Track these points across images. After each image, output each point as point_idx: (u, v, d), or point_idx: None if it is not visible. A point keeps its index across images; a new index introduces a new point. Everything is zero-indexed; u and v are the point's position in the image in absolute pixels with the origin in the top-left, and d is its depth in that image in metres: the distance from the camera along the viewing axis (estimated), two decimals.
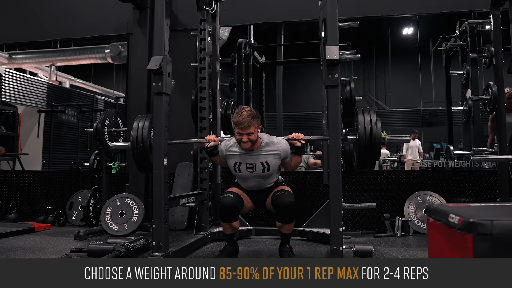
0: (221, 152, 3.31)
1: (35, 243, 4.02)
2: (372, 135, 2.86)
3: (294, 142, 3.09)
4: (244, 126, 3.02)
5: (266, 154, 3.15)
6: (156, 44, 3.23)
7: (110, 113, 4.90)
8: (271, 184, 3.29)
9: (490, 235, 1.19)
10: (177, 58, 4.42)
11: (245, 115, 3.03)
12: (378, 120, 2.90)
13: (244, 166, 3.19)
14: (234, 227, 3.26)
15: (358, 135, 2.90)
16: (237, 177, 3.34)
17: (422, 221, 4.43)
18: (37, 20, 6.17)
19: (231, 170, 3.31)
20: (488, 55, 4.39)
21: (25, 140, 8.95)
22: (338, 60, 2.81)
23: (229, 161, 3.26)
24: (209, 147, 3.30)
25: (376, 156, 2.92)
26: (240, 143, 3.11)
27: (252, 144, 3.09)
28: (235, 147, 3.22)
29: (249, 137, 3.05)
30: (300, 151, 3.15)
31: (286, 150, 3.17)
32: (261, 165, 3.15)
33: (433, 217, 1.56)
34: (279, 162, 3.19)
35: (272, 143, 3.17)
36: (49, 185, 5.58)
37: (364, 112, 2.96)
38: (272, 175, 3.24)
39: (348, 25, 4.29)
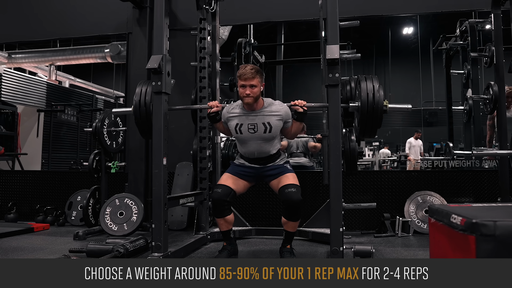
0: (223, 117, 3.29)
1: (34, 243, 4.01)
2: (374, 102, 2.87)
3: (296, 108, 3.09)
4: (247, 77, 3.04)
5: (268, 115, 3.14)
6: (156, 43, 3.22)
7: (110, 112, 4.88)
8: (272, 151, 3.23)
9: (493, 236, 1.17)
10: (176, 57, 4.41)
11: (249, 68, 3.08)
12: (381, 88, 2.92)
13: (245, 127, 3.16)
14: (229, 222, 3.24)
15: (361, 102, 2.91)
16: (238, 142, 3.29)
17: (423, 221, 4.41)
18: (36, 19, 6.15)
19: (232, 134, 3.28)
20: (489, 54, 4.38)
21: (25, 139, 8.93)
22: (339, 59, 2.80)
23: (230, 123, 3.23)
24: (211, 112, 3.29)
25: (378, 124, 2.94)
26: (243, 98, 3.10)
27: (255, 100, 3.09)
28: (237, 109, 3.21)
29: (252, 89, 3.05)
30: (301, 116, 3.14)
31: (288, 113, 3.17)
32: (263, 126, 3.13)
33: (435, 217, 1.55)
34: (281, 124, 3.17)
35: (274, 105, 3.17)
36: (48, 185, 5.56)
37: (367, 79, 2.97)
38: (274, 139, 3.20)
39: (349, 24, 4.27)
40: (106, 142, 4.71)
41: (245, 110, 3.17)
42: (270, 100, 3.22)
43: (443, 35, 6.70)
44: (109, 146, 4.77)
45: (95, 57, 10.18)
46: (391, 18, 12.23)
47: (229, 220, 3.24)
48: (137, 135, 4.96)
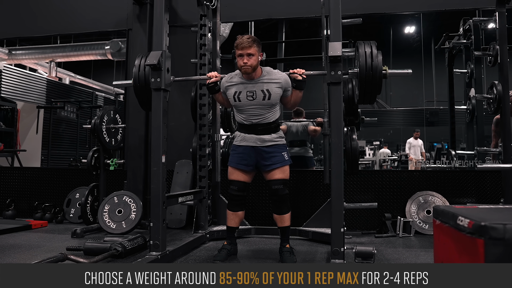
0: (222, 86, 3.25)
1: (31, 241, 3.97)
2: (373, 66, 2.83)
3: (296, 76, 3.06)
4: (244, 45, 3.02)
5: (267, 82, 3.11)
6: (155, 39, 3.17)
7: (109, 109, 4.84)
8: (271, 119, 3.17)
9: (502, 240, 1.12)
10: (177, 54, 4.37)
11: (246, 37, 3.08)
12: (379, 53, 2.88)
13: (244, 94, 3.12)
14: (240, 217, 3.29)
15: (359, 67, 2.87)
16: (236, 110, 3.24)
17: (424, 221, 4.37)
18: (36, 15, 6.10)
19: (231, 103, 3.23)
20: (493, 53, 4.32)
21: (24, 136, 8.91)
22: (341, 57, 2.76)
23: (229, 91, 3.19)
24: (210, 83, 3.26)
25: (377, 89, 2.90)
26: (240, 68, 3.07)
27: (253, 70, 3.06)
28: (236, 78, 3.18)
29: (249, 58, 3.03)
30: (301, 84, 3.10)
31: (287, 81, 3.14)
32: (261, 93, 3.09)
33: (440, 219, 1.50)
34: (280, 92, 3.13)
35: (274, 73, 3.14)
36: (47, 182, 5.52)
37: (365, 44, 2.93)
38: (274, 107, 3.16)
39: (351, 21, 4.23)
40: (105, 139, 4.66)
41: (243, 79, 3.14)
42: (269, 68, 3.21)
43: (446, 34, 6.64)
44: (108, 143, 4.72)
45: (95, 54, 10.13)
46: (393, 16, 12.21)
47: (240, 216, 3.30)
48: (136, 132, 4.95)
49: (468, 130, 6.20)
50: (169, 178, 4.91)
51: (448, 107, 6.57)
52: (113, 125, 4.78)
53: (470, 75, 6.04)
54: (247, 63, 3.03)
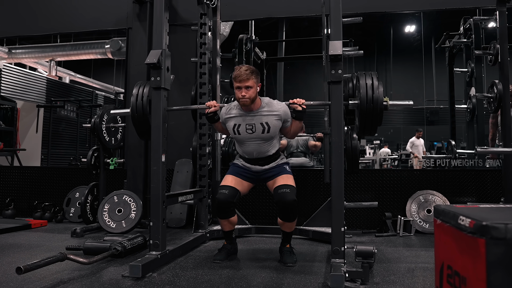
0: (221, 117, 3.23)
1: (31, 240, 3.96)
2: (374, 98, 2.80)
3: (295, 106, 3.02)
4: (242, 78, 2.96)
5: (266, 115, 3.07)
6: (155, 37, 3.16)
7: (108, 108, 4.82)
8: (272, 151, 3.17)
9: (504, 240, 1.11)
10: (177, 53, 4.37)
11: (244, 69, 3.00)
12: (380, 84, 2.85)
13: (243, 127, 3.09)
14: (232, 223, 3.19)
15: (360, 99, 2.84)
16: (237, 142, 3.24)
17: (425, 220, 4.36)
18: (36, 14, 6.09)
19: (230, 135, 3.22)
20: (493, 52, 4.31)
21: (24, 135, 8.90)
22: (342, 56, 2.74)
23: (228, 123, 3.17)
24: (209, 112, 3.22)
25: (378, 121, 2.87)
26: (239, 100, 3.03)
27: (251, 102, 3.02)
28: (234, 110, 3.14)
29: (247, 91, 2.98)
30: (300, 115, 3.07)
31: (286, 113, 3.10)
32: (261, 126, 3.06)
33: (441, 218, 1.49)
34: (280, 124, 3.10)
35: (273, 105, 3.10)
36: (47, 181, 5.51)
37: (366, 75, 2.90)
38: (273, 139, 3.14)
39: (351, 20, 4.22)
40: (104, 138, 4.66)
41: (242, 111, 3.10)
42: (267, 99, 3.15)
43: (447, 33, 6.63)
44: (107, 143, 4.71)
45: (96, 53, 10.13)
46: (394, 15, 12.19)
47: (233, 221, 3.19)
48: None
49: (469, 129, 6.19)
50: (169, 177, 4.90)
51: (449, 106, 6.55)
52: (113, 124, 4.77)
53: (470, 74, 6.02)
54: (245, 96, 2.98)
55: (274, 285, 2.52)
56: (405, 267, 2.98)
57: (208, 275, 2.73)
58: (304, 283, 2.56)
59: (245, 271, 2.86)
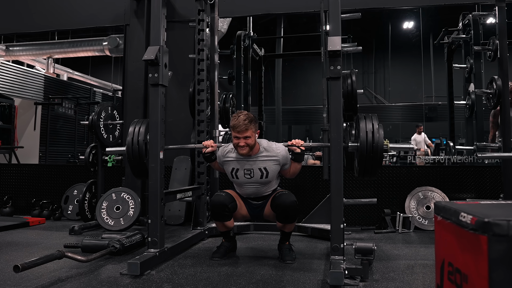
0: (219, 158, 3.22)
1: (29, 238, 3.94)
2: (374, 142, 2.76)
3: (294, 148, 3.01)
4: (241, 129, 2.92)
5: (264, 160, 3.04)
6: (153, 33, 3.14)
7: (106, 105, 4.80)
8: (269, 192, 3.18)
9: (506, 236, 1.10)
10: (175, 49, 4.33)
11: (242, 119, 2.94)
12: (381, 127, 2.79)
13: (241, 172, 3.08)
14: (228, 226, 3.17)
15: (360, 142, 2.80)
16: (235, 184, 3.23)
17: (424, 217, 4.35)
18: (33, 11, 6.06)
19: (228, 177, 3.20)
20: (492, 48, 4.30)
21: (22, 133, 8.86)
22: (340, 51, 2.72)
23: (226, 167, 3.16)
24: (206, 153, 3.20)
25: (378, 164, 2.82)
26: (237, 148, 3.00)
27: (250, 149, 2.99)
28: (232, 153, 3.11)
29: (246, 141, 2.95)
30: (299, 157, 3.06)
31: (285, 157, 3.07)
32: (259, 171, 3.04)
33: (442, 215, 1.48)
34: (278, 168, 3.08)
35: (271, 149, 3.06)
36: (45, 179, 5.49)
37: (366, 118, 2.85)
38: (271, 182, 3.13)
39: (350, 16, 4.19)
40: (102, 135, 4.63)
41: (240, 156, 3.06)
42: (266, 143, 3.11)
43: (445, 29, 6.61)
44: (105, 140, 4.69)
45: (93, 50, 10.09)
46: (392, 11, 12.15)
47: (228, 225, 3.17)
48: None
49: (468, 125, 6.18)
50: (167, 174, 4.89)
51: (447, 102, 6.55)
52: (110, 121, 4.75)
53: (469, 70, 6.01)
54: (244, 146, 2.96)
55: (273, 282, 2.51)
56: (405, 264, 2.97)
57: (207, 273, 2.72)
58: (304, 280, 2.55)
59: (244, 268, 2.85)
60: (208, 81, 4.20)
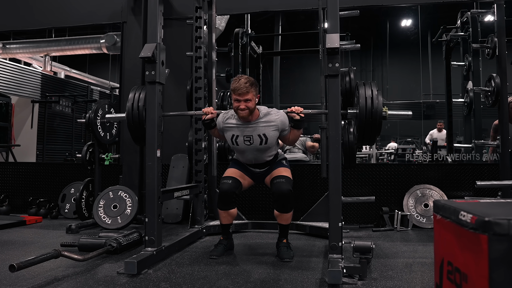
0: (219, 125, 3.21)
1: (25, 237, 3.92)
2: (373, 109, 2.78)
3: (293, 115, 3.01)
4: (241, 92, 2.94)
5: (264, 126, 3.05)
6: (149, 31, 3.12)
7: (103, 103, 4.78)
8: (270, 157, 3.20)
9: (507, 236, 1.09)
10: (172, 47, 4.32)
11: (243, 81, 2.97)
12: (379, 94, 2.83)
13: (241, 139, 3.09)
14: (232, 215, 3.19)
15: (359, 109, 2.82)
16: (235, 150, 3.25)
17: (422, 215, 4.34)
18: (30, 8, 6.01)
19: (228, 143, 3.23)
20: (491, 45, 4.29)
21: (19, 131, 8.84)
22: (339, 49, 2.71)
23: (226, 133, 3.16)
24: (206, 119, 3.20)
25: (377, 131, 2.85)
26: (237, 112, 3.01)
27: (250, 113, 3.00)
28: (232, 119, 3.12)
29: (246, 104, 2.96)
30: (299, 124, 3.06)
31: (284, 122, 3.08)
32: (258, 138, 3.06)
33: (441, 214, 1.46)
34: (277, 134, 3.10)
35: (270, 115, 3.08)
36: (42, 177, 5.46)
37: (365, 85, 2.88)
38: (271, 148, 3.14)
39: (348, 13, 4.18)
40: (99, 134, 4.61)
41: (240, 121, 3.08)
42: (265, 109, 3.12)
43: (444, 26, 6.59)
44: (102, 138, 4.67)
45: (91, 47, 10.04)
46: (390, 9, 12.14)
47: (232, 214, 3.19)
48: None
49: (466, 123, 6.17)
50: (165, 173, 4.87)
51: (446, 100, 6.52)
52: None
53: (467, 68, 5.99)
54: (244, 109, 2.97)
55: (271, 281, 2.50)
56: (403, 262, 2.96)
57: (205, 271, 2.71)
58: (302, 279, 2.54)
59: (242, 267, 2.84)
60: (205, 79, 4.18)
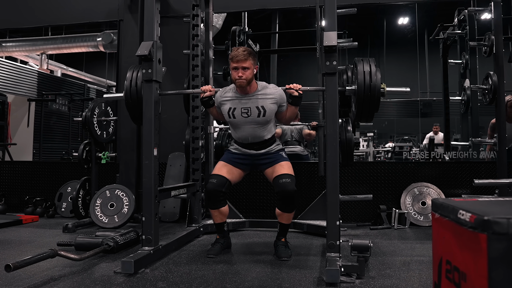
0: (217, 101, 3.19)
1: (21, 236, 3.90)
2: (371, 84, 2.78)
3: (291, 91, 2.99)
4: (240, 59, 2.94)
5: (262, 99, 3.05)
6: (146, 28, 3.10)
7: (100, 101, 4.76)
8: (267, 136, 3.14)
9: (506, 235, 1.08)
10: (169, 45, 4.30)
11: (242, 49, 3.00)
12: (378, 71, 2.83)
13: (238, 111, 3.06)
14: (223, 213, 3.16)
15: (357, 85, 2.82)
16: (231, 127, 3.20)
17: (419, 213, 4.34)
18: (26, 5, 5.98)
19: (225, 120, 3.18)
20: (488, 43, 4.29)
21: (15, 129, 8.79)
22: (336, 47, 2.70)
23: (223, 107, 3.14)
24: (204, 97, 3.18)
25: (375, 107, 2.85)
26: (235, 81, 3.01)
27: (248, 83, 3.00)
28: (230, 93, 3.12)
29: (244, 72, 2.96)
30: (296, 101, 3.04)
31: (282, 97, 3.08)
32: (256, 110, 3.04)
33: (439, 212, 1.45)
34: (275, 108, 3.08)
35: (269, 88, 3.09)
36: (38, 176, 5.44)
37: (364, 61, 2.87)
38: (268, 123, 3.11)
39: (346, 11, 4.18)
40: (96, 132, 4.59)
41: (238, 94, 3.07)
42: (264, 83, 3.14)
43: (441, 24, 6.57)
44: (99, 136, 4.65)
45: (87, 46, 10.01)
46: (388, 7, 12.14)
47: (224, 212, 3.16)
48: (129, 125, 4.87)
49: (463, 121, 6.17)
50: (162, 171, 4.85)
51: (443, 98, 6.51)
52: (104, 118, 4.71)
53: (464, 65, 5.99)
54: (242, 77, 2.96)
55: (269, 280, 2.49)
56: (401, 260, 2.95)
57: (202, 271, 2.70)
58: (299, 278, 2.53)
59: (239, 266, 2.83)
60: (203, 77, 4.16)
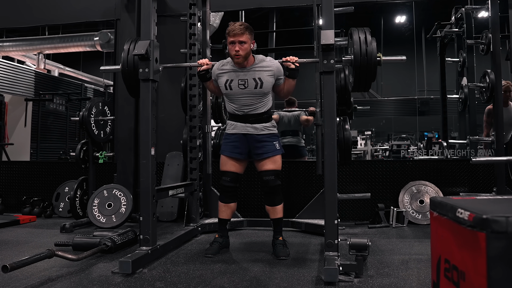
0: (214, 74, 3.19)
1: (19, 236, 3.89)
2: (367, 53, 2.78)
3: (288, 64, 3.00)
4: (236, 33, 2.96)
5: (259, 71, 3.05)
6: (143, 28, 3.09)
7: (97, 101, 4.74)
8: (263, 109, 3.12)
9: (505, 233, 1.07)
10: (166, 44, 4.29)
11: (238, 24, 3.02)
12: (373, 40, 2.82)
13: (235, 83, 3.07)
14: (232, 209, 3.25)
15: (354, 54, 2.81)
16: (228, 99, 3.17)
17: (417, 211, 4.35)
18: (23, 5, 5.96)
19: (222, 92, 3.17)
20: (485, 41, 4.30)
21: (12, 129, 8.76)
22: (334, 45, 2.70)
23: (220, 79, 3.13)
24: (201, 70, 3.19)
25: (372, 76, 2.85)
26: (232, 56, 3.01)
27: (245, 58, 3.01)
28: (227, 66, 3.13)
29: (241, 46, 2.96)
30: (294, 73, 3.04)
31: (279, 69, 3.09)
32: (253, 81, 3.04)
33: (438, 211, 1.45)
34: (272, 80, 3.08)
35: (266, 61, 3.09)
36: (35, 176, 5.42)
37: (359, 31, 2.87)
38: (265, 95, 3.11)
39: (343, 10, 4.17)
40: (93, 132, 4.58)
41: (235, 67, 3.08)
42: (261, 56, 3.15)
43: (438, 22, 6.58)
44: (96, 136, 4.64)
45: (84, 45, 9.97)
46: (385, 5, 12.14)
47: (233, 208, 3.26)
48: (126, 124, 4.87)
49: (460, 119, 6.17)
50: (159, 171, 4.84)
51: (440, 96, 6.52)
52: (101, 117, 4.70)
53: (462, 64, 6.00)
54: (238, 51, 2.96)
55: (267, 279, 2.49)
56: (399, 259, 2.95)
57: (200, 270, 2.69)
58: (298, 277, 2.53)
59: (237, 265, 2.82)
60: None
